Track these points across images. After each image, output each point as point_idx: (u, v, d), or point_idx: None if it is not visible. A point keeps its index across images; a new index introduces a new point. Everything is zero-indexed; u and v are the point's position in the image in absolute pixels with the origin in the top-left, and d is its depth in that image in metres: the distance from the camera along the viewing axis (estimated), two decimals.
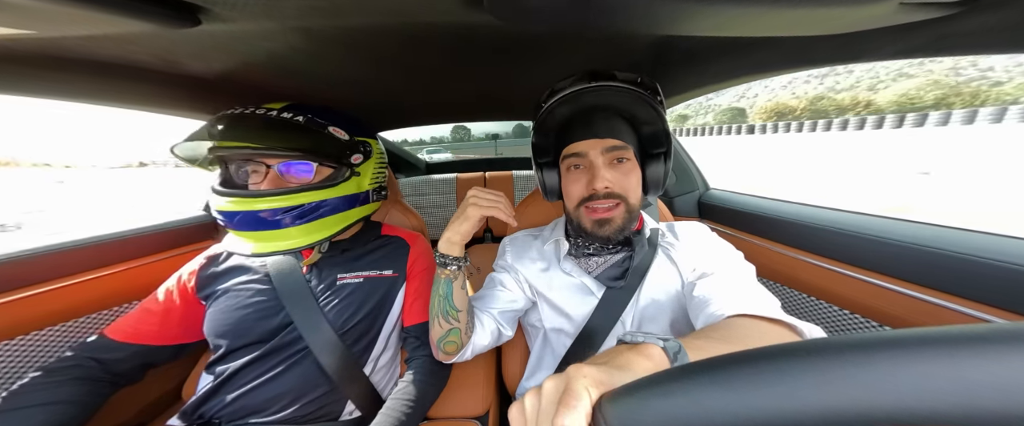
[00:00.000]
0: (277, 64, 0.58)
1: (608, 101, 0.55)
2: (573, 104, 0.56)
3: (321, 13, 0.40)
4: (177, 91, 0.66)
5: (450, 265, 0.53)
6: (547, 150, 0.61)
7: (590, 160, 0.55)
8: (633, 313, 0.59)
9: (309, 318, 0.60)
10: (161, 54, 0.51)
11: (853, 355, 0.14)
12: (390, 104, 0.95)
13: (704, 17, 0.33)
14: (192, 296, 0.63)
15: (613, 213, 0.55)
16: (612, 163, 0.55)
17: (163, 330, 0.61)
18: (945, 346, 0.14)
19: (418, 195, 1.67)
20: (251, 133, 0.56)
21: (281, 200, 0.55)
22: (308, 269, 0.66)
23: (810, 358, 0.15)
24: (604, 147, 0.54)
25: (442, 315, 0.55)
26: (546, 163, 0.61)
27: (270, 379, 0.57)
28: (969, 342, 0.13)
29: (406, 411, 0.56)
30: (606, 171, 0.54)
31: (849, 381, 0.14)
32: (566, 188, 0.59)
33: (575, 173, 0.57)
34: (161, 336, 0.60)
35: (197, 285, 0.64)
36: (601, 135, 0.54)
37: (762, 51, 0.56)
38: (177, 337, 0.62)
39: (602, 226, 0.55)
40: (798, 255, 0.74)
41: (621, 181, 0.55)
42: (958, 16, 0.32)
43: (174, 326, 0.62)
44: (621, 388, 0.18)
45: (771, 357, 0.16)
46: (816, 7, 0.29)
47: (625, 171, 0.55)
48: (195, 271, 0.65)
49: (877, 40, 0.40)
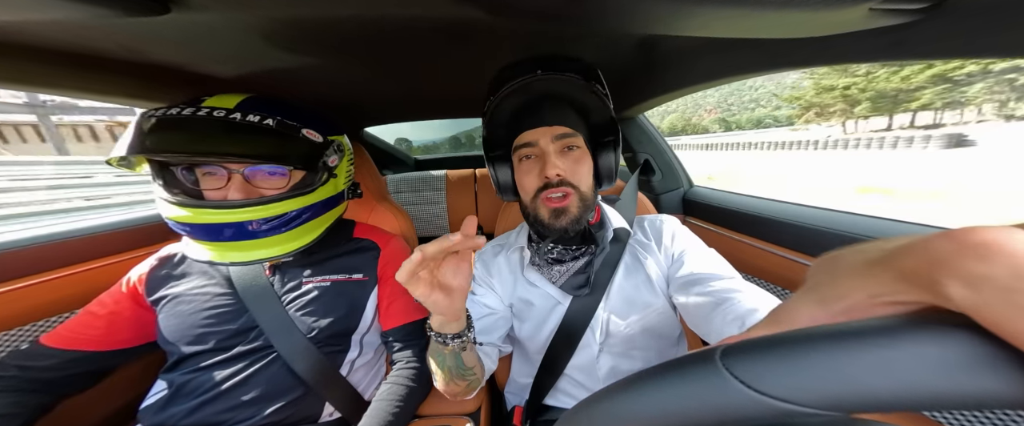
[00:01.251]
0: (251, 56, 0.55)
1: (556, 89, 0.54)
2: (521, 94, 0.54)
3: (300, 4, 0.38)
4: (137, 81, 0.62)
5: (450, 342, 0.46)
6: (498, 142, 0.60)
7: (541, 148, 0.54)
8: (603, 318, 0.59)
9: (276, 322, 0.58)
10: (124, 42, 0.47)
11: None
12: (373, 100, 0.93)
13: (690, 17, 0.34)
14: (142, 299, 0.60)
15: (566, 202, 0.54)
16: (562, 151, 0.55)
17: (109, 335, 0.57)
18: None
19: (407, 192, 1.65)
20: (213, 139, 0.50)
21: (261, 210, 0.52)
22: (271, 271, 0.63)
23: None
24: (554, 135, 0.54)
25: (458, 377, 0.50)
26: (497, 156, 0.60)
27: (236, 385, 0.55)
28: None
29: (393, 411, 0.55)
30: (557, 158, 0.53)
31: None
32: (520, 181, 0.58)
33: (527, 164, 0.56)
34: (106, 341, 0.57)
35: (147, 288, 0.60)
36: (551, 122, 0.54)
37: (746, 52, 0.58)
38: (126, 342, 0.59)
39: (558, 217, 0.54)
40: (774, 249, 0.77)
41: (573, 168, 0.54)
42: (921, 23, 0.34)
43: (121, 331, 0.58)
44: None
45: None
46: (791, 10, 0.30)
47: (576, 159, 0.55)
48: (145, 273, 0.61)
49: (851, 44, 0.42)
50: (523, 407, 0.69)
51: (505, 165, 0.60)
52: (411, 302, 0.70)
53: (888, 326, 0.13)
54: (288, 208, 0.55)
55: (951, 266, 0.12)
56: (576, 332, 0.59)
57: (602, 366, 0.60)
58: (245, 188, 0.54)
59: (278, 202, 0.54)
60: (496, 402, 0.78)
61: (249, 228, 0.52)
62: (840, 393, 0.13)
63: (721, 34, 0.38)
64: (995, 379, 0.11)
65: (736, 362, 0.15)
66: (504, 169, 0.60)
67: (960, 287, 0.12)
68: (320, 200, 0.60)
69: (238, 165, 0.54)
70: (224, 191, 0.54)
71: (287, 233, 0.56)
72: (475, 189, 1.61)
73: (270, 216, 0.53)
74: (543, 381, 0.64)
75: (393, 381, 0.60)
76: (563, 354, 0.61)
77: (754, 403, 0.14)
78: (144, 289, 0.60)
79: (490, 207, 1.59)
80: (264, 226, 0.53)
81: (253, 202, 0.52)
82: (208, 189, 0.55)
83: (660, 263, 0.59)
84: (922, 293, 0.13)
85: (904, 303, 0.14)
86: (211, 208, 0.51)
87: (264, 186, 0.56)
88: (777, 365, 0.14)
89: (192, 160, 0.54)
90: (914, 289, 0.13)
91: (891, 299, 0.14)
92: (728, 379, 0.15)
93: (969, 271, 0.11)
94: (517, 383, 0.71)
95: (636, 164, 1.18)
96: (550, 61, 0.53)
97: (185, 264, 0.62)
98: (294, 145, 0.56)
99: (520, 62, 0.55)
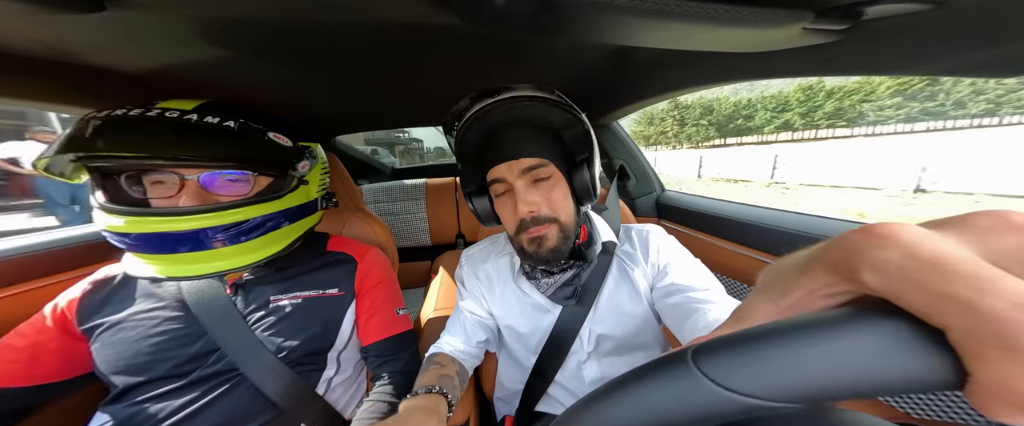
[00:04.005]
0: (206, 61, 0.50)
1: (514, 114, 0.51)
2: (481, 125, 0.52)
3: (264, 7, 0.36)
4: (68, 85, 0.55)
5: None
6: (471, 178, 0.58)
7: (509, 183, 0.52)
8: (590, 328, 0.60)
9: (241, 343, 0.54)
10: (50, 42, 0.42)
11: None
12: (345, 107, 0.90)
13: (652, 30, 0.36)
14: (72, 327, 0.53)
15: (545, 231, 0.51)
16: (532, 183, 0.51)
17: (31, 369, 0.50)
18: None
19: (385, 202, 1.61)
20: (163, 141, 0.45)
21: (216, 217, 0.47)
22: (233, 290, 0.58)
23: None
24: (520, 168, 0.51)
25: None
26: (474, 192, 0.58)
27: (196, 412, 0.51)
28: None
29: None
30: (527, 194, 0.50)
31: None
32: (500, 214, 0.56)
33: (504, 199, 0.54)
34: (28, 376, 0.50)
35: (79, 315, 0.53)
36: (513, 155, 0.51)
37: (704, 64, 0.62)
38: (52, 375, 0.52)
39: (539, 245, 0.52)
40: (737, 249, 0.84)
41: (546, 199, 0.51)
42: (846, 42, 0.39)
43: (46, 364, 0.52)
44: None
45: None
46: (738, 27, 0.34)
47: (548, 188, 0.52)
48: (76, 299, 0.54)
49: (792, 58, 0.47)
50: (513, 416, 0.68)
51: (483, 197, 0.58)
52: (391, 316, 0.67)
53: (828, 318, 0.14)
54: (249, 215, 0.50)
55: (862, 255, 0.14)
56: (566, 340, 0.60)
57: (589, 373, 0.61)
58: (200, 195, 0.49)
59: (237, 208, 0.49)
60: (485, 412, 0.77)
61: (203, 237, 0.47)
62: (794, 385, 0.13)
63: (681, 47, 0.41)
64: (916, 358, 0.12)
65: (705, 360, 0.15)
66: (482, 201, 0.58)
67: (870, 272, 0.13)
68: (288, 208, 0.55)
69: (193, 171, 0.48)
70: (175, 199, 0.48)
71: (248, 243, 0.51)
72: (456, 198, 1.59)
73: (227, 223, 0.48)
74: (534, 387, 0.64)
75: (375, 398, 0.57)
76: (553, 361, 0.61)
77: (726, 400, 0.14)
78: (75, 316, 0.53)
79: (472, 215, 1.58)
80: (220, 235, 0.48)
81: (208, 208, 0.47)
82: (157, 198, 0.49)
83: (646, 274, 0.60)
84: (847, 283, 0.15)
85: (836, 294, 0.16)
86: (155, 216, 0.45)
87: (223, 194, 0.51)
88: (740, 361, 0.15)
89: (140, 164, 0.47)
90: (841, 280, 0.15)
91: (826, 291, 0.16)
92: (700, 378, 0.15)
93: (874, 257, 0.13)
94: (507, 389, 0.70)
95: (613, 171, 1.22)
96: (504, 86, 0.52)
97: (126, 286, 0.56)
98: (258, 148, 0.51)
99: (478, 92, 0.53)
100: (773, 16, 0.33)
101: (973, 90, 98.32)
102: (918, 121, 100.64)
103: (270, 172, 0.54)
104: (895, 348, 0.13)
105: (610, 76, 0.76)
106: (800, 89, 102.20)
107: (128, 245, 0.47)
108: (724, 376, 0.14)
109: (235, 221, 0.49)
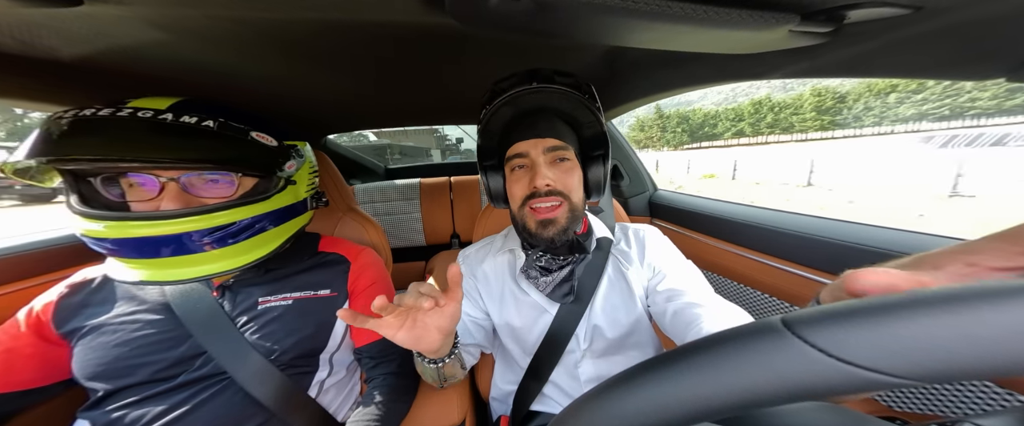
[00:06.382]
0: (189, 59, 0.49)
1: (550, 103, 0.55)
2: (516, 105, 0.55)
3: (253, 5, 0.36)
4: (39, 81, 0.53)
5: (435, 363, 0.51)
6: (491, 152, 0.61)
7: (532, 159, 0.55)
8: (587, 326, 0.61)
9: (230, 347, 0.53)
10: (23, 36, 0.40)
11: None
12: (335, 107, 0.89)
13: (643, 31, 0.37)
14: (49, 332, 0.51)
15: (556, 213, 0.54)
16: (553, 162, 0.55)
17: (5, 376, 0.49)
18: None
19: (379, 201, 1.60)
20: (136, 142, 0.43)
21: (202, 220, 0.46)
22: (220, 292, 0.57)
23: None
24: (545, 146, 0.55)
25: (437, 382, 0.57)
26: (491, 166, 0.61)
27: (180, 417, 0.49)
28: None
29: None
30: (547, 169, 0.54)
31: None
32: (510, 189, 0.58)
33: (518, 173, 0.57)
34: (1, 383, 0.49)
35: (56, 319, 0.51)
36: (542, 135, 0.55)
37: (694, 65, 0.63)
38: (28, 382, 0.50)
39: (546, 227, 0.54)
40: (728, 247, 0.85)
41: (563, 179, 0.54)
42: (830, 45, 0.40)
43: (21, 370, 0.50)
44: None
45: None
46: (727, 29, 0.35)
47: (566, 169, 0.55)
48: (53, 302, 0.52)
49: (779, 60, 0.49)
50: (508, 416, 0.69)
51: (497, 174, 0.60)
52: None
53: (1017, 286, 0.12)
54: (235, 217, 0.48)
55: None
56: (562, 339, 0.60)
57: (584, 372, 0.62)
58: (183, 198, 0.48)
59: (223, 211, 0.47)
60: (481, 413, 0.77)
61: (188, 241, 0.46)
62: (934, 361, 0.12)
63: (672, 48, 0.41)
64: None
65: (812, 329, 0.14)
66: (496, 178, 0.60)
67: None
68: (276, 209, 0.54)
69: (172, 172, 0.47)
70: (156, 202, 0.47)
71: (236, 246, 0.50)
72: (451, 197, 1.59)
73: (212, 226, 0.46)
74: (529, 387, 0.64)
75: (371, 400, 0.57)
76: (549, 360, 0.62)
77: (837, 373, 0.13)
78: (52, 321, 0.51)
79: (466, 215, 1.57)
80: (206, 238, 0.46)
81: (193, 211, 0.45)
82: (136, 201, 0.48)
83: (641, 274, 0.61)
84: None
85: (1014, 267, 0.14)
86: (136, 220, 0.44)
87: (206, 195, 0.49)
88: (870, 331, 0.13)
89: (114, 167, 0.45)
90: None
91: (998, 263, 0.15)
92: (801, 347, 0.14)
93: None
94: (501, 389, 0.70)
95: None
96: (545, 74, 0.55)
97: (106, 289, 0.54)
98: (241, 149, 0.49)
99: (515, 74, 0.56)
100: (760, 19, 0.33)
101: (865, 107, 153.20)
102: (827, 130, 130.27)
103: (255, 173, 0.53)
104: None
105: (603, 77, 0.77)
106: (752, 103, 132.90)
107: (108, 250, 0.45)
108: (837, 346, 0.13)
109: (221, 224, 0.48)
